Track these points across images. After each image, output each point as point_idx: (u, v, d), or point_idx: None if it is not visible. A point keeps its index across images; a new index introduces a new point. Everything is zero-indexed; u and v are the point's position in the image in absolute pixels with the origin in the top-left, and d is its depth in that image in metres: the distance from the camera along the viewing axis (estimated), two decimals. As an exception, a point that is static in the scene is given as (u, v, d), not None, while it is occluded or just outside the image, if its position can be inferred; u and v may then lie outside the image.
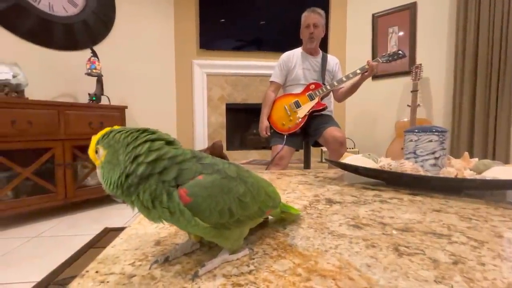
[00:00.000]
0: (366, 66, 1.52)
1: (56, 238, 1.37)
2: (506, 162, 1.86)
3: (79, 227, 1.51)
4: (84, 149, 1.79)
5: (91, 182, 1.86)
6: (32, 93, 1.73)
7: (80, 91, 2.06)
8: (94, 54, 1.95)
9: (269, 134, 1.71)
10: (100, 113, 1.85)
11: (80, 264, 1.08)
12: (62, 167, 1.65)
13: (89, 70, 1.92)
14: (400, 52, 1.56)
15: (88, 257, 1.14)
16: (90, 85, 1.98)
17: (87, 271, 0.27)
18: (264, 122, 1.71)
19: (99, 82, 1.96)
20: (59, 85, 2.03)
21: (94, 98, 1.92)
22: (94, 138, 0.26)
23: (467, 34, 2.03)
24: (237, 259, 0.30)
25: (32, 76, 1.77)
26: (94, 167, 1.81)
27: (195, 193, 0.24)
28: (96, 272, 0.27)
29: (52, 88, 1.99)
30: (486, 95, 1.97)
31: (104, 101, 2.00)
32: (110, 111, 1.91)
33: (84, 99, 2.00)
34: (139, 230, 0.38)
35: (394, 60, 1.61)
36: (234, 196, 0.27)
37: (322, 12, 1.66)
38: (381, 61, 1.57)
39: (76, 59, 2.05)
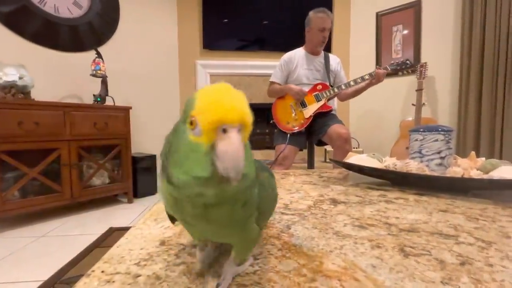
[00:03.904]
0: (374, 73, 1.55)
1: (62, 237, 1.39)
2: (514, 161, 1.84)
3: (85, 227, 1.53)
4: (89, 149, 1.81)
5: (97, 182, 1.88)
6: (38, 95, 1.75)
7: (85, 92, 2.08)
8: (99, 55, 1.97)
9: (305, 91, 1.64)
10: (105, 113, 1.86)
11: (85, 264, 1.09)
12: (68, 167, 1.67)
13: (94, 71, 1.94)
14: (408, 62, 1.64)
15: (94, 256, 1.15)
16: (95, 86, 2.00)
17: (93, 271, 0.28)
18: (292, 88, 1.64)
19: (104, 83, 1.98)
20: (65, 86, 2.05)
21: (99, 99, 1.93)
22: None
23: (473, 32, 2.00)
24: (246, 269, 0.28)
25: (38, 77, 1.79)
26: (99, 168, 1.84)
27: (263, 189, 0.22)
28: (102, 271, 0.27)
29: (57, 89, 2.01)
30: (492, 93, 1.95)
31: (108, 101, 2.02)
32: (114, 111, 1.93)
33: (89, 100, 2.02)
34: (144, 230, 0.38)
35: (401, 70, 1.67)
36: (276, 197, 0.26)
37: (331, 14, 1.68)
38: (389, 69, 1.63)
39: (81, 61, 2.07)
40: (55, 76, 2.01)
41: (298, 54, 1.74)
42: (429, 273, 0.27)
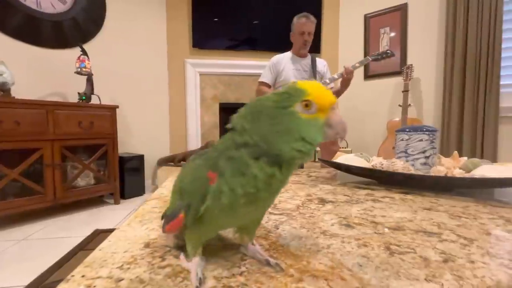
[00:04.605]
0: (343, 71, 1.66)
1: (45, 240, 1.34)
2: (494, 160, 1.91)
3: (69, 229, 1.48)
4: (74, 149, 1.76)
5: (81, 183, 1.83)
6: (20, 92, 1.68)
7: (70, 90, 2.02)
8: (84, 52, 1.91)
9: None
10: (91, 112, 1.81)
11: (69, 267, 1.06)
12: (51, 168, 1.61)
13: (79, 69, 1.88)
14: (388, 51, 1.75)
15: (78, 260, 1.12)
16: (80, 84, 1.94)
17: (72, 276, 0.26)
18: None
19: (89, 81, 1.92)
20: (48, 84, 1.98)
21: (84, 98, 1.88)
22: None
23: (456, 35, 2.07)
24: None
25: (20, 74, 1.73)
26: (84, 168, 1.79)
27: None
28: (82, 276, 0.26)
29: (40, 87, 1.94)
30: (474, 95, 2.02)
31: (94, 100, 1.96)
32: (100, 110, 1.88)
33: (73, 99, 1.96)
34: (128, 232, 0.37)
35: (383, 58, 1.78)
36: None
37: (314, 19, 1.77)
38: (370, 58, 1.76)
39: (65, 58, 2.01)
40: (37, 74, 1.94)
41: (286, 56, 1.83)
42: (414, 271, 0.27)
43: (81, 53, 1.90)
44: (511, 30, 1.92)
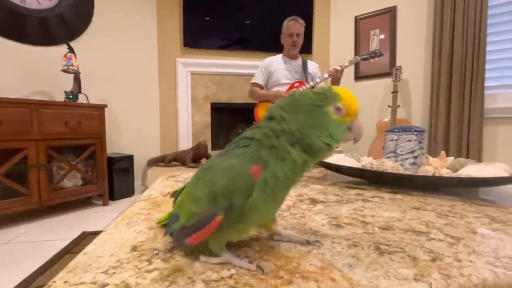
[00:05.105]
0: (332, 70, 1.74)
1: (30, 244, 1.30)
2: (479, 160, 1.96)
3: (55, 232, 1.44)
4: (60, 149, 1.71)
5: (68, 184, 1.78)
6: (3, 91, 1.62)
7: (56, 89, 1.96)
8: (71, 50, 1.86)
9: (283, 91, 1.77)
10: (78, 112, 1.77)
11: (55, 271, 1.02)
12: (36, 169, 1.56)
13: (65, 67, 1.83)
14: (377, 51, 1.84)
15: (64, 263, 1.08)
16: (67, 82, 1.89)
17: (54, 282, 0.25)
18: (272, 92, 1.79)
19: (77, 79, 1.88)
20: (33, 82, 1.92)
21: (70, 96, 1.83)
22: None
23: (443, 37, 2.12)
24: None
25: (3, 72, 1.67)
26: (71, 169, 1.74)
27: None
28: (65, 282, 0.25)
29: (25, 86, 1.88)
30: (460, 96, 2.07)
31: (82, 99, 1.91)
32: (88, 109, 1.84)
33: (60, 97, 1.91)
34: (114, 235, 0.36)
35: (372, 58, 1.86)
36: None
37: (303, 22, 1.82)
38: (360, 58, 1.82)
39: (51, 55, 1.95)
40: (22, 71, 1.87)
41: (277, 58, 1.88)
42: (403, 270, 0.27)
43: (68, 50, 1.85)
44: (495, 33, 1.98)
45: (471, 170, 0.60)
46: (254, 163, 0.26)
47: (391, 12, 2.46)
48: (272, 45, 2.25)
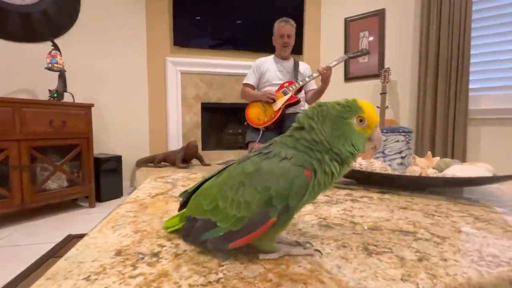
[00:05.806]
0: (318, 69, 1.75)
1: (12, 248, 1.25)
2: (463, 160, 2.03)
3: (39, 235, 1.39)
4: (44, 150, 1.65)
5: (53, 186, 1.72)
6: (-18, 88, 1.56)
7: (40, 87, 1.90)
8: (56, 47, 1.80)
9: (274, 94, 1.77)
10: (63, 111, 1.72)
11: (38, 276, 0.99)
12: (18, 170, 1.50)
13: (50, 65, 1.77)
14: (363, 49, 1.90)
15: (48, 268, 1.05)
16: (51, 81, 1.83)
17: (31, 290, 0.24)
18: (262, 91, 1.81)
19: (62, 77, 1.82)
20: (15, 80, 1.85)
21: (55, 95, 1.77)
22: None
23: (429, 40, 2.18)
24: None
25: (-18, 69, 1.60)
26: (55, 170, 1.68)
27: None
28: (43, 290, 0.24)
29: (6, 84, 1.81)
30: (446, 97, 2.13)
31: (67, 98, 1.86)
32: (74, 109, 1.78)
33: (44, 96, 1.84)
34: (98, 239, 0.35)
35: (359, 56, 1.92)
36: None
37: (294, 23, 1.84)
38: (347, 56, 1.87)
39: (35, 52, 1.89)
40: (3, 69, 1.80)
41: (269, 58, 1.90)
42: (390, 271, 0.27)
43: (53, 47, 1.79)
44: (479, 37, 2.04)
45: (456, 170, 0.62)
46: (306, 167, 0.28)
47: (380, 14, 2.50)
48: (263, 45, 2.25)
